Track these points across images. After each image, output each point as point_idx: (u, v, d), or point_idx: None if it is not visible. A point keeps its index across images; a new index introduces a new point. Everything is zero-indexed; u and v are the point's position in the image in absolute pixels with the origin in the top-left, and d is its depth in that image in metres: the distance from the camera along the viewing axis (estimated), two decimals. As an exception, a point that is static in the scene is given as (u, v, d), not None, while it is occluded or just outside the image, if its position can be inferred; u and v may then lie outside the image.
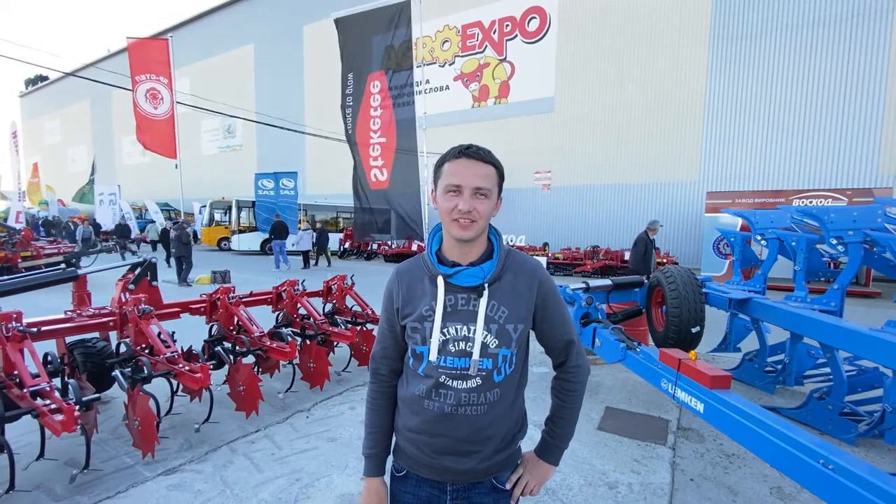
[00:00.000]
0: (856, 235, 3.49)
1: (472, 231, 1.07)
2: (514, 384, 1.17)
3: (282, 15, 27.16)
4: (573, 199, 18.58)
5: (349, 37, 8.05)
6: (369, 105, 7.81)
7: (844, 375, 3.35)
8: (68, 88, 41.00)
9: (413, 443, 1.16)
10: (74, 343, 3.58)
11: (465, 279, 1.10)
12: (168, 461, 2.88)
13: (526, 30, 19.27)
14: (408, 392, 1.18)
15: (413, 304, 1.15)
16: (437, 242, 1.19)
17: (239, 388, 3.48)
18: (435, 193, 1.13)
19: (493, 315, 1.10)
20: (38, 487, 2.59)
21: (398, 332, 1.19)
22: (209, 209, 21.71)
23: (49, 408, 2.42)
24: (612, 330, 3.37)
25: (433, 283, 1.13)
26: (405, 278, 1.19)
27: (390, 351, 1.23)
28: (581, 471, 2.85)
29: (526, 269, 1.17)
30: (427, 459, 1.15)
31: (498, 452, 1.15)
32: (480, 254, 1.14)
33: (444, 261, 1.14)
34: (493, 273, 1.11)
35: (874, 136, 13.66)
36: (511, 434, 1.18)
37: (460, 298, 1.11)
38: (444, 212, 1.08)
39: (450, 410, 1.10)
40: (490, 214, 1.10)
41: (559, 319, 1.19)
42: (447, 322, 1.10)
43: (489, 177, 1.08)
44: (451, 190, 1.07)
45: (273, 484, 2.66)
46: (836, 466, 1.58)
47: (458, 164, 1.07)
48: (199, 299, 4.29)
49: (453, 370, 1.10)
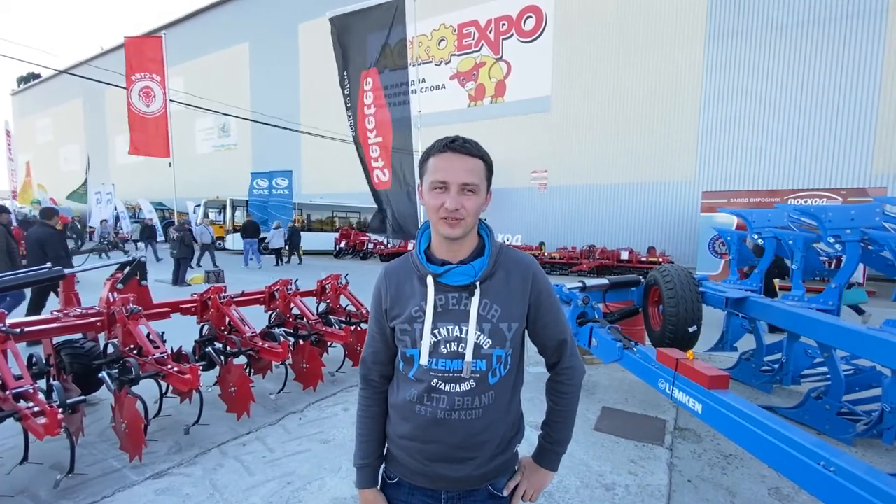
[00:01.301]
0: (853, 234, 3.47)
1: (460, 229, 1.02)
2: (509, 386, 1.12)
3: (277, 13, 27.00)
4: (569, 199, 18.57)
5: (344, 35, 7.99)
6: (363, 103, 7.76)
7: (842, 375, 3.33)
8: (61, 87, 40.60)
9: (405, 450, 1.11)
10: (62, 344, 3.50)
11: (456, 278, 1.05)
12: (156, 464, 2.82)
13: (522, 29, 19.25)
14: (398, 398, 1.13)
15: (402, 304, 1.10)
16: (426, 240, 1.14)
17: (230, 389, 3.42)
18: (421, 189, 1.08)
19: (486, 314, 1.06)
20: (23, 492, 2.52)
21: (388, 334, 1.14)
22: (203, 208, 21.56)
23: (32, 411, 2.35)
24: (609, 329, 3.33)
25: (422, 283, 1.08)
26: (393, 278, 1.13)
27: (381, 355, 1.18)
28: (577, 472, 2.81)
29: (519, 265, 1.12)
30: (420, 467, 1.10)
31: (494, 458, 1.11)
32: (471, 251, 1.10)
33: (433, 259, 1.09)
34: (484, 271, 1.06)
35: (869, 136, 13.72)
36: (507, 438, 1.13)
37: (451, 298, 1.06)
38: (431, 209, 1.03)
39: (443, 415, 1.05)
40: (479, 210, 1.04)
41: (552, 318, 1.15)
42: (438, 323, 1.05)
43: (476, 171, 1.02)
44: (438, 187, 1.02)
45: (264, 487, 2.60)
46: (837, 468, 1.56)
47: (443, 158, 1.02)
48: (190, 299, 4.23)
49: (445, 373, 1.05)
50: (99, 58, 36.49)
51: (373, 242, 19.28)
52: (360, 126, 7.85)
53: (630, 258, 14.63)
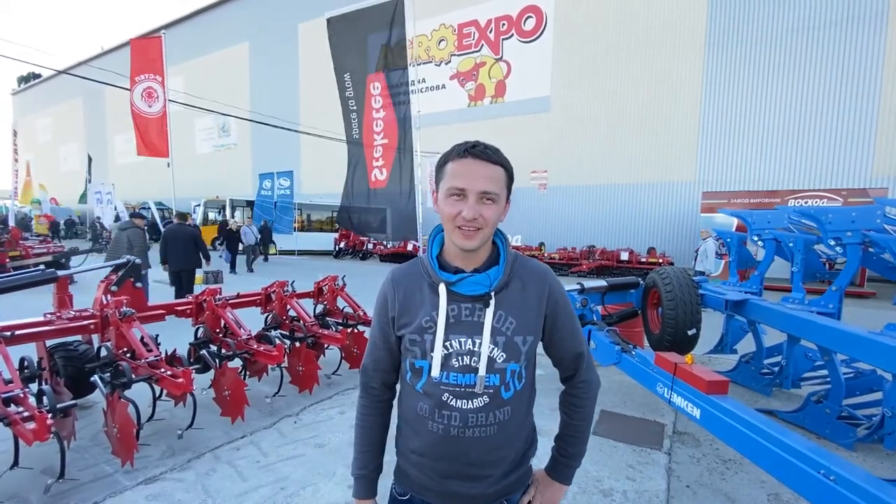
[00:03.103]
0: (854, 236, 3.43)
1: (476, 240, 0.97)
2: (524, 400, 1.08)
3: (277, 13, 26.96)
4: (569, 199, 18.52)
5: (342, 36, 7.98)
6: (371, 107, 7.78)
7: (842, 378, 3.30)
8: (61, 86, 40.55)
9: (416, 465, 1.07)
10: (55, 346, 3.47)
11: (470, 287, 1.00)
12: (149, 469, 2.78)
13: (522, 29, 19.20)
14: (408, 410, 1.08)
15: (411, 313, 1.04)
16: (438, 245, 1.07)
17: (224, 392, 3.39)
18: (436, 195, 1.02)
19: (501, 326, 1.00)
20: (12, 498, 2.49)
21: (393, 343, 1.09)
22: (203, 208, 21.53)
23: (21, 415, 2.32)
24: (608, 332, 3.31)
25: (434, 291, 1.02)
26: (402, 284, 1.07)
27: (383, 363, 1.12)
28: (575, 477, 2.78)
29: (534, 275, 1.07)
30: (432, 483, 1.05)
31: (509, 474, 1.06)
32: (485, 259, 1.04)
33: (445, 266, 1.04)
34: (499, 280, 1.01)
35: (869, 137, 13.67)
36: (522, 452, 1.09)
37: (464, 308, 1.01)
38: (447, 218, 0.97)
39: (456, 433, 1.00)
40: (497, 220, 0.99)
41: (569, 330, 1.10)
42: (450, 335, 1.00)
43: (497, 179, 0.96)
44: (455, 194, 0.95)
45: (257, 493, 2.57)
46: (836, 475, 1.53)
47: (462, 164, 0.95)
48: (185, 301, 4.20)
49: (457, 387, 1.00)
50: (98, 58, 36.47)
51: (372, 243, 19.24)
52: (365, 128, 7.86)
53: (630, 259, 14.61)
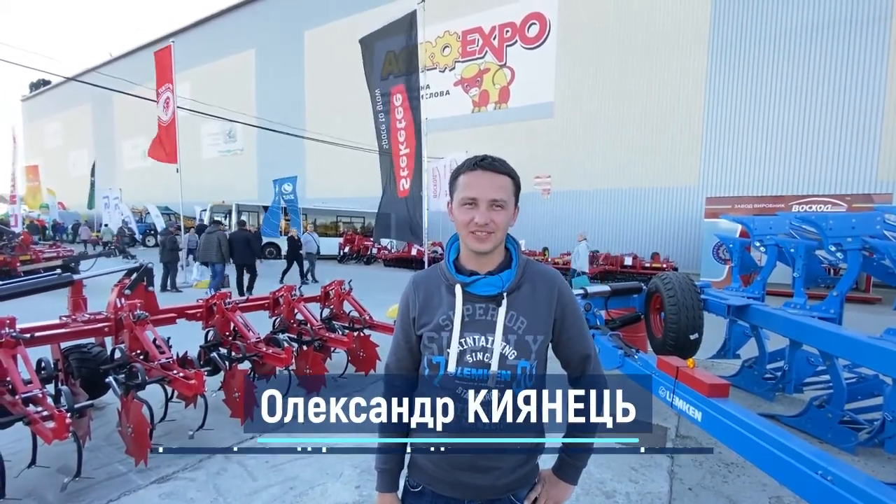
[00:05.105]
0: (854, 242, 3.47)
1: (489, 243, 1.08)
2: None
3: (283, 20, 27.29)
4: (572, 204, 18.58)
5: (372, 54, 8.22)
6: (395, 118, 7.95)
7: (844, 383, 3.32)
8: (70, 92, 41.10)
9: (429, 457, 1.13)
10: (70, 349, 3.55)
11: (484, 288, 1.10)
12: (161, 469, 2.85)
13: (526, 36, 19.36)
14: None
15: (430, 313, 1.14)
16: (455, 251, 1.18)
17: (234, 394, 3.46)
18: (451, 206, 1.13)
19: (512, 325, 1.09)
20: (30, 495, 2.56)
21: (413, 342, 1.18)
22: (209, 213, 21.70)
23: (41, 415, 2.40)
24: (610, 336, 3.35)
25: (451, 292, 1.12)
26: (422, 287, 1.18)
27: (405, 362, 1.21)
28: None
29: (545, 278, 1.16)
30: (444, 475, 1.12)
31: (517, 468, 1.13)
32: (498, 263, 1.14)
33: (461, 270, 1.14)
34: (511, 282, 1.10)
35: (873, 142, 13.67)
36: (529, 448, 1.15)
37: (478, 308, 1.10)
38: (461, 224, 1.09)
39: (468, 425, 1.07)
40: (507, 225, 1.10)
41: (577, 332, 1.17)
42: (465, 332, 1.09)
43: (505, 188, 1.08)
44: (467, 202, 1.07)
45: (266, 492, 2.63)
46: (835, 478, 1.57)
47: (473, 176, 1.07)
48: (196, 304, 4.27)
49: (471, 381, 1.08)
50: (107, 65, 36.99)
51: (376, 247, 19.33)
52: (392, 140, 8.04)
53: (634, 264, 14.59)
